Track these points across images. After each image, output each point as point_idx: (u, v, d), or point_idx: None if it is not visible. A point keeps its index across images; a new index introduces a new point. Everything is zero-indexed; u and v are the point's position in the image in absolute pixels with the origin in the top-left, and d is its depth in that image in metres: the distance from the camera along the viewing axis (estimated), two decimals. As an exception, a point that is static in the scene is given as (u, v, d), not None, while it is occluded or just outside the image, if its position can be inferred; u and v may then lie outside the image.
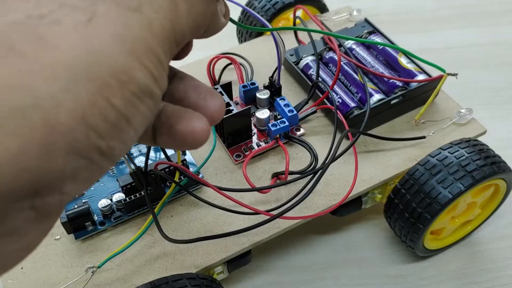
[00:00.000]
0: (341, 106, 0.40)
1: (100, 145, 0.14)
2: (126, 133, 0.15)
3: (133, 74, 0.14)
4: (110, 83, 0.14)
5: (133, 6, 0.15)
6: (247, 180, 0.35)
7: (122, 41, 0.14)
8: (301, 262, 0.43)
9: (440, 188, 0.35)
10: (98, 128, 0.14)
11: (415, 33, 0.65)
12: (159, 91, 0.16)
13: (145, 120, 0.16)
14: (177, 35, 0.17)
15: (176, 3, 0.17)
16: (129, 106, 0.15)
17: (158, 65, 0.16)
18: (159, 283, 0.30)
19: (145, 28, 0.15)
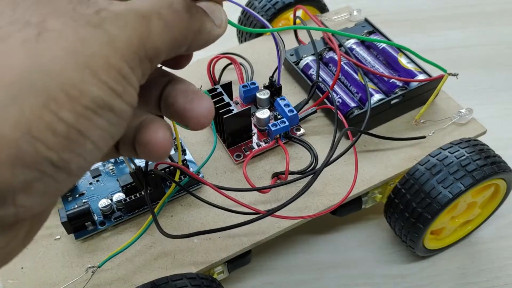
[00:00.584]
0: (341, 106, 0.40)
1: (50, 157, 0.14)
2: (82, 146, 0.15)
3: (86, 88, 0.15)
4: (58, 97, 0.14)
5: (93, 22, 0.15)
6: (247, 180, 0.35)
7: (75, 56, 0.15)
8: (301, 262, 0.43)
9: (440, 188, 0.35)
10: (47, 141, 0.14)
11: (415, 33, 0.65)
12: (125, 105, 0.16)
13: (107, 134, 0.16)
14: (149, 51, 0.17)
15: (149, 20, 0.17)
16: (82, 119, 0.15)
17: (121, 80, 0.16)
18: (159, 283, 0.30)
19: (105, 44, 0.15)
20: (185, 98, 0.20)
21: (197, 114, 0.19)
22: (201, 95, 0.20)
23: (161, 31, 0.17)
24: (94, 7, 0.16)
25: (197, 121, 0.20)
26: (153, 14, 0.17)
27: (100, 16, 0.16)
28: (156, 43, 0.17)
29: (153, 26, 0.17)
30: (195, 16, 0.19)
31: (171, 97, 0.20)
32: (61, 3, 0.16)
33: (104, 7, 0.16)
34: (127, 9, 0.17)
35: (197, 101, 0.20)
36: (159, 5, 0.17)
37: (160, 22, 0.17)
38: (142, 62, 0.17)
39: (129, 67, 0.16)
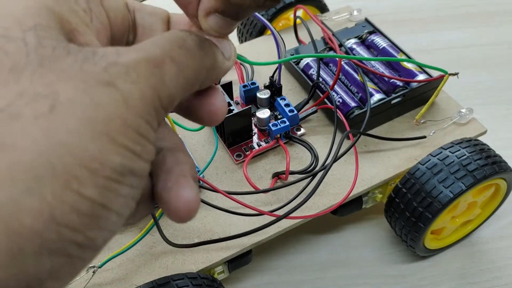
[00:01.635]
0: (342, 106, 0.40)
1: (76, 239, 0.13)
2: (106, 219, 0.14)
3: (106, 158, 0.13)
4: (79, 175, 0.13)
5: (104, 81, 0.14)
6: (248, 180, 0.35)
7: (91, 125, 0.13)
8: (301, 262, 0.43)
9: (441, 188, 0.35)
10: (72, 224, 0.13)
11: (415, 33, 0.65)
12: (144, 164, 0.15)
13: (130, 199, 0.15)
14: (164, 100, 0.15)
15: (162, 67, 0.15)
16: (105, 192, 0.14)
17: (140, 139, 0.15)
18: (161, 282, 0.30)
19: (120, 103, 0.14)
20: (164, 181, 0.17)
21: (173, 208, 0.17)
22: (183, 182, 0.17)
23: (175, 75, 0.16)
24: (102, 62, 0.14)
25: (175, 215, 0.17)
26: (165, 58, 0.16)
27: (110, 73, 0.14)
28: (170, 90, 0.16)
29: (166, 73, 0.15)
30: (208, 51, 0.17)
31: (154, 172, 0.17)
32: (67, 63, 0.14)
33: (113, 61, 0.15)
34: (138, 59, 0.15)
35: (176, 190, 0.17)
36: (171, 47, 0.16)
37: (173, 66, 0.16)
38: (158, 113, 0.15)
39: (146, 122, 0.15)
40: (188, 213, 0.17)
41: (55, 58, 0.14)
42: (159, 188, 0.17)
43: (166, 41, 0.16)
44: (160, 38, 0.17)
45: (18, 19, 0.15)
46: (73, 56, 0.14)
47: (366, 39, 0.45)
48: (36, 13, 0.15)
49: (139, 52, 0.15)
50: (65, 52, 0.14)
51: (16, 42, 0.14)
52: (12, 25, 0.14)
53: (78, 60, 0.14)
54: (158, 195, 0.17)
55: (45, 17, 0.15)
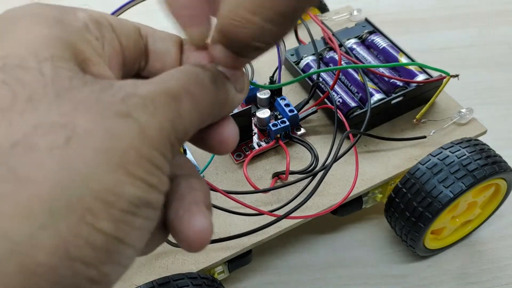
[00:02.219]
0: (342, 106, 0.40)
1: (89, 275, 0.13)
2: (121, 254, 0.14)
3: (122, 190, 0.13)
4: (94, 208, 0.13)
5: (122, 112, 0.14)
6: (248, 180, 0.35)
7: (107, 157, 0.13)
8: (301, 262, 0.43)
9: (441, 187, 0.35)
10: (86, 259, 0.13)
11: (415, 33, 0.65)
12: (159, 195, 0.15)
13: (145, 231, 0.15)
14: (180, 134, 0.15)
15: (179, 100, 0.15)
16: (120, 225, 0.13)
17: (155, 170, 0.14)
18: (161, 282, 0.30)
19: (137, 135, 0.14)
20: (176, 209, 0.17)
21: (185, 237, 0.16)
22: (196, 210, 0.17)
23: (191, 109, 0.16)
24: (120, 93, 0.14)
25: (186, 244, 0.16)
26: (182, 92, 0.15)
27: (128, 104, 0.14)
28: (185, 123, 0.15)
29: (183, 107, 0.15)
30: (221, 87, 0.17)
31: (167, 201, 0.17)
32: (84, 93, 0.14)
33: (131, 92, 0.14)
34: (157, 91, 0.15)
35: (188, 219, 0.16)
36: (188, 81, 0.16)
37: (190, 101, 0.16)
38: (173, 146, 0.15)
39: (161, 154, 0.15)
40: (200, 242, 0.16)
41: (72, 89, 0.14)
42: (171, 216, 0.17)
43: (183, 75, 0.16)
44: (176, 72, 0.16)
45: (33, 49, 0.14)
46: (89, 87, 0.14)
47: (366, 39, 0.45)
48: (51, 43, 0.15)
49: (157, 84, 0.15)
50: (81, 83, 0.14)
51: (32, 73, 0.14)
52: (28, 55, 0.14)
53: (95, 91, 0.14)
54: (170, 223, 0.17)
55: (60, 48, 0.15)
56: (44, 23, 0.15)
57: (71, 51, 0.15)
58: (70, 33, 0.16)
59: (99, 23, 0.17)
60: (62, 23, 0.16)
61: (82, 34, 0.16)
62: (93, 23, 0.17)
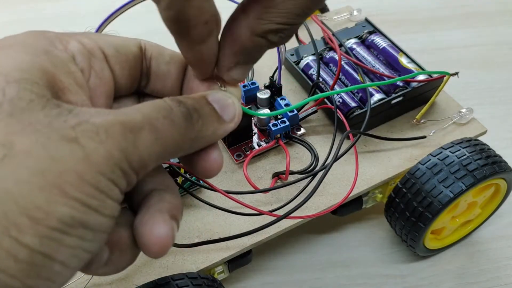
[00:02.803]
0: (342, 106, 0.40)
1: (13, 285, 0.13)
2: (49, 269, 0.14)
3: (52, 209, 0.14)
4: (19, 222, 0.13)
5: (68, 137, 0.15)
6: (248, 180, 0.35)
7: (41, 176, 0.14)
8: (301, 262, 0.43)
9: (441, 187, 0.35)
10: (8, 269, 0.13)
11: (415, 33, 0.65)
12: (102, 218, 0.15)
13: (80, 251, 0.15)
14: (134, 163, 0.16)
15: (137, 133, 0.16)
16: (47, 241, 0.14)
17: (97, 194, 0.15)
18: (161, 282, 0.30)
19: (79, 160, 0.15)
20: (142, 216, 0.18)
21: (145, 242, 0.17)
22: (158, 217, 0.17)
23: (151, 144, 0.16)
24: (74, 120, 0.15)
25: (145, 249, 0.17)
26: (144, 126, 0.16)
27: (78, 130, 0.15)
28: (142, 156, 0.16)
29: (140, 140, 0.16)
30: (194, 123, 0.18)
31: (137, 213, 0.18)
32: (37, 117, 0.15)
33: (85, 119, 0.15)
34: (113, 121, 0.16)
35: (150, 225, 0.17)
36: (154, 116, 0.17)
37: (151, 135, 0.16)
38: (126, 174, 0.16)
39: (108, 180, 0.15)
40: (159, 249, 0.17)
41: (28, 110, 0.15)
42: (136, 222, 0.18)
43: (152, 109, 0.17)
44: (147, 105, 0.17)
45: (6, 72, 0.15)
46: (47, 111, 0.15)
47: (366, 39, 0.45)
48: (26, 69, 0.16)
49: (117, 115, 0.16)
50: (40, 106, 0.15)
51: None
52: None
53: (50, 115, 0.15)
54: (134, 228, 0.17)
55: (34, 74, 0.16)
56: (29, 51, 0.16)
57: (47, 78, 0.16)
58: (53, 63, 0.17)
59: (90, 54, 0.18)
60: (47, 53, 0.17)
61: (66, 65, 0.17)
62: (83, 54, 0.18)
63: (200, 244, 0.33)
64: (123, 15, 0.31)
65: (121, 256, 0.18)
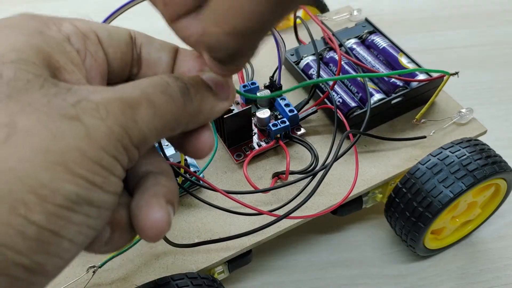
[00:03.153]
0: (342, 106, 0.40)
1: (21, 261, 0.14)
2: (57, 245, 0.14)
3: (58, 186, 0.14)
4: (27, 200, 0.14)
5: (69, 115, 0.15)
6: (248, 180, 0.35)
7: (45, 154, 0.14)
8: (301, 262, 0.43)
9: (441, 187, 0.35)
10: (16, 246, 0.13)
11: (415, 33, 0.65)
12: (107, 195, 0.16)
13: (86, 228, 0.15)
14: (135, 139, 0.16)
15: (136, 108, 0.16)
16: (54, 218, 0.14)
17: (101, 171, 0.15)
18: (161, 282, 0.30)
19: (81, 137, 0.15)
20: (138, 199, 0.18)
21: (141, 226, 0.17)
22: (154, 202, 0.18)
23: (149, 119, 0.16)
24: (73, 98, 0.15)
25: (141, 233, 0.17)
26: (142, 101, 0.16)
27: (78, 107, 0.15)
28: (142, 131, 0.16)
29: (139, 115, 0.16)
30: (193, 98, 0.18)
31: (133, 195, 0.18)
32: (35, 96, 0.15)
33: (84, 97, 0.15)
34: (112, 98, 0.16)
35: (146, 209, 0.17)
36: (151, 91, 0.17)
37: (150, 110, 0.16)
38: (128, 150, 0.16)
39: (111, 156, 0.15)
40: (155, 233, 0.17)
41: (26, 90, 0.15)
42: (132, 205, 0.18)
43: (149, 85, 0.17)
44: (144, 81, 0.17)
45: (2, 53, 0.15)
46: (45, 90, 0.15)
47: (366, 39, 0.46)
48: (21, 49, 0.16)
49: (115, 92, 0.16)
50: (38, 85, 0.15)
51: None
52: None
53: (49, 94, 0.15)
54: (131, 212, 0.18)
55: (30, 54, 0.16)
56: (23, 33, 0.17)
57: (43, 57, 0.16)
58: (47, 43, 0.17)
59: (85, 36, 0.18)
60: (41, 33, 0.17)
61: (61, 45, 0.17)
62: (77, 36, 0.18)
63: (200, 244, 0.33)
64: (124, 15, 0.31)
65: (121, 235, 0.18)
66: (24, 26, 0.17)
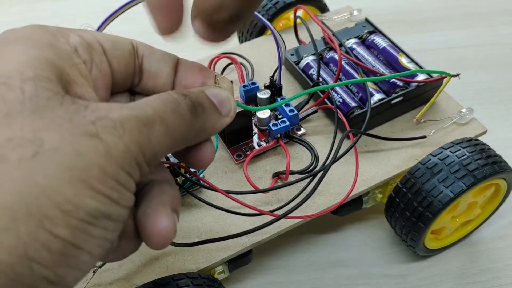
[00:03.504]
0: (342, 106, 0.40)
1: (46, 275, 0.14)
2: (78, 258, 0.15)
3: (81, 202, 0.15)
4: (52, 215, 0.14)
5: (90, 132, 0.15)
6: (248, 180, 0.35)
7: (69, 171, 0.14)
8: (301, 262, 0.43)
9: (441, 187, 0.35)
10: (42, 260, 0.14)
11: (415, 33, 0.65)
12: (122, 209, 0.16)
13: (104, 240, 0.16)
14: (147, 156, 0.17)
15: (151, 127, 0.17)
16: (77, 233, 0.15)
17: (118, 187, 0.16)
18: (161, 282, 0.30)
19: (102, 154, 0.15)
20: (145, 207, 0.18)
21: (148, 233, 0.18)
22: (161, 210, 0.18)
23: (162, 137, 0.17)
24: (92, 115, 0.16)
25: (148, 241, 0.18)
26: (156, 119, 0.17)
27: (98, 125, 0.15)
28: (155, 148, 0.17)
29: (154, 133, 0.17)
30: (199, 116, 0.18)
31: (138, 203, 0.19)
32: (58, 113, 0.15)
33: (102, 115, 0.16)
34: (128, 116, 0.16)
35: (153, 217, 0.18)
36: (163, 109, 0.17)
37: (162, 128, 0.17)
38: (141, 166, 0.17)
39: (126, 173, 0.16)
40: (162, 240, 0.18)
41: (48, 107, 0.15)
42: (139, 214, 0.18)
43: (160, 103, 0.17)
44: (155, 98, 0.18)
45: (20, 69, 0.16)
46: (65, 107, 0.16)
47: (366, 39, 0.46)
48: (37, 64, 0.16)
49: (131, 110, 0.16)
50: (58, 103, 0.16)
51: (14, 91, 0.15)
52: (14, 74, 0.16)
53: (69, 111, 0.16)
54: (138, 220, 0.18)
55: (46, 69, 0.16)
56: (35, 46, 0.17)
57: (57, 73, 0.17)
58: (59, 56, 0.17)
59: (90, 47, 0.19)
60: (52, 46, 0.17)
61: (70, 57, 0.18)
62: (83, 47, 0.19)
63: (200, 243, 0.33)
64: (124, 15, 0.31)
65: (128, 243, 0.19)
66: (35, 39, 0.17)
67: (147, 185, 0.19)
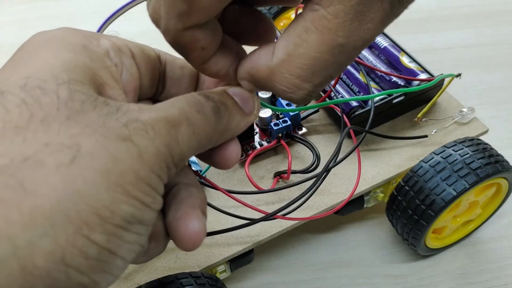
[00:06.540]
0: (343, 105, 0.40)
1: (82, 281, 0.14)
2: (112, 264, 0.15)
3: (117, 207, 0.15)
4: (90, 221, 0.14)
5: (123, 136, 0.15)
6: (249, 180, 0.35)
7: (107, 177, 0.15)
8: (301, 262, 0.43)
9: (444, 185, 0.35)
10: (79, 266, 0.14)
11: (415, 33, 0.65)
12: (153, 213, 0.16)
13: (136, 245, 0.16)
14: (176, 158, 0.17)
15: (177, 128, 0.17)
16: (112, 238, 0.15)
17: (150, 191, 0.16)
18: (165, 281, 0.30)
19: (136, 158, 0.15)
20: (175, 211, 0.19)
21: (180, 236, 0.18)
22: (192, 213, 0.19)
23: (189, 138, 0.17)
24: (124, 118, 0.16)
25: (180, 243, 0.18)
26: (182, 120, 0.17)
27: (130, 128, 0.16)
28: (182, 149, 0.17)
29: (181, 134, 0.17)
30: (222, 116, 0.19)
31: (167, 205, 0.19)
32: (91, 117, 0.15)
33: (134, 118, 0.16)
34: (157, 117, 0.16)
35: (184, 220, 0.18)
36: (189, 110, 0.17)
37: (189, 129, 0.17)
38: (169, 169, 0.17)
39: (157, 176, 0.16)
40: (193, 242, 0.18)
41: (82, 112, 0.15)
42: (170, 217, 0.18)
43: (185, 104, 0.17)
44: (180, 100, 0.18)
45: (55, 73, 0.16)
46: (98, 110, 0.16)
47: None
48: (71, 68, 0.16)
49: (159, 111, 0.17)
50: (92, 106, 0.16)
51: (50, 95, 0.15)
52: (49, 78, 0.16)
53: (102, 115, 0.16)
54: (168, 223, 0.18)
55: (79, 73, 0.16)
56: (69, 49, 0.17)
57: (90, 76, 0.17)
58: (92, 59, 0.17)
59: (120, 51, 0.19)
60: (86, 49, 0.18)
61: (102, 60, 0.18)
62: (114, 50, 0.19)
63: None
64: (124, 16, 0.31)
65: (156, 245, 0.19)
66: (69, 41, 0.17)
67: (174, 187, 0.19)
